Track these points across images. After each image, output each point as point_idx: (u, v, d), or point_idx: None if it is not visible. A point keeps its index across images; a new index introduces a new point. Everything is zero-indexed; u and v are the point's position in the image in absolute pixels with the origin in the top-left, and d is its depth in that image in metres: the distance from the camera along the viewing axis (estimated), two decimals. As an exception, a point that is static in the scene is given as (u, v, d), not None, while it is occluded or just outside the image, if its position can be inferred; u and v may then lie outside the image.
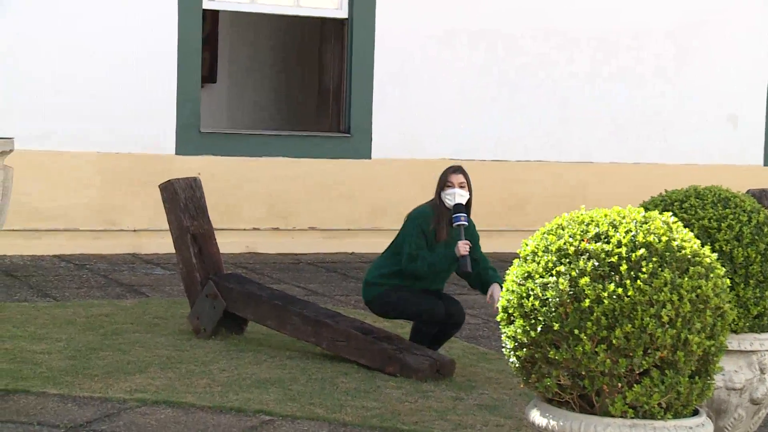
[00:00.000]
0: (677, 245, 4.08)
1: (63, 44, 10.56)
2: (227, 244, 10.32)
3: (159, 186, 7.54)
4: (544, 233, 4.27)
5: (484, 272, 6.73)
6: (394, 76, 11.58)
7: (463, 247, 6.53)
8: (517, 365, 4.23)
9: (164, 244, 10.24)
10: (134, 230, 10.85)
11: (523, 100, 12.02)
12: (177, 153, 10.95)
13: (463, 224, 6.56)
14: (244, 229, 11.20)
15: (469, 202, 6.71)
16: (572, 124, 12.22)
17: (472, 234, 6.73)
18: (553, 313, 4.03)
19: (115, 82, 10.70)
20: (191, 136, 10.99)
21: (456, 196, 6.62)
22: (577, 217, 4.26)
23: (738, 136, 12.79)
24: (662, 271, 4.00)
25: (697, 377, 4.06)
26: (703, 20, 12.56)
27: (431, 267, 6.57)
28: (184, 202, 7.40)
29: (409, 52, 11.64)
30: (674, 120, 12.58)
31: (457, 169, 6.73)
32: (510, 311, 4.21)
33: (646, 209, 5.46)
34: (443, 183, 6.70)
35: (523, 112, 12.03)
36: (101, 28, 10.66)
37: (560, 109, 12.17)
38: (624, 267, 4.00)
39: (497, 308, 6.37)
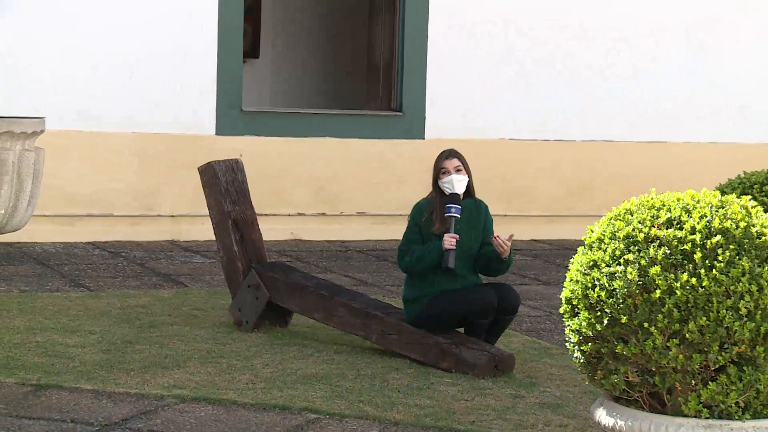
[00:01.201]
0: (756, 231, 4.04)
1: (96, 19, 10.64)
2: (270, 230, 10.36)
3: (198, 168, 7.58)
4: (611, 219, 4.25)
5: (483, 256, 6.66)
6: (449, 50, 11.55)
7: (447, 240, 6.49)
8: (581, 361, 4.21)
9: (204, 231, 10.30)
10: (172, 216, 10.93)
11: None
12: (217, 133, 11.00)
13: (454, 216, 6.53)
14: (289, 215, 11.24)
15: (470, 184, 6.68)
16: (647, 98, 12.13)
17: (485, 219, 6.69)
18: (621, 305, 4.01)
19: (153, 57, 10.76)
20: (232, 115, 11.04)
21: (454, 183, 6.59)
22: (648, 201, 4.23)
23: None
24: (740, 259, 3.97)
25: (778, 374, 4.02)
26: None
27: (419, 261, 6.54)
28: (224, 186, 7.44)
29: (462, 22, 11.59)
30: (754, 94, 12.43)
31: (450, 153, 6.69)
32: (574, 303, 4.19)
33: (723, 192, 5.40)
34: (438, 170, 6.66)
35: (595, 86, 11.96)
36: (134, 2, 10.73)
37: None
38: (698, 255, 3.97)
39: (504, 241, 6.32)
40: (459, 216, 6.56)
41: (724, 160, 12.04)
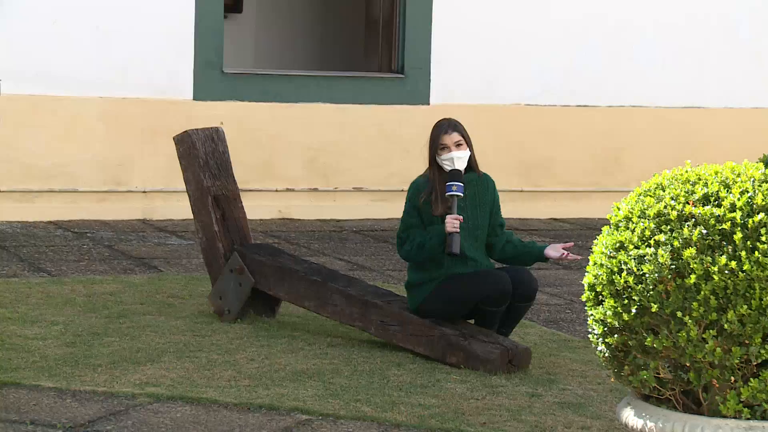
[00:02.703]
0: (804, 209, 4.05)
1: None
2: (256, 207, 10.37)
3: (174, 138, 7.59)
4: (640, 194, 4.25)
5: (510, 246, 6.69)
6: (458, 2, 11.53)
7: (450, 223, 6.50)
8: (606, 355, 4.23)
9: (180, 208, 10.31)
10: (144, 191, 10.94)
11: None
12: (195, 98, 11.00)
13: (457, 195, 6.54)
14: (277, 190, 11.25)
15: (471, 157, 6.70)
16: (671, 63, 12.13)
17: (492, 194, 6.73)
18: (651, 292, 4.02)
19: (121, 10, 10.75)
20: (212, 78, 11.04)
21: (455, 160, 6.61)
22: (681, 174, 4.24)
23: None
24: (786, 240, 3.97)
25: (828, 370, 4.04)
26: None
27: (420, 249, 6.56)
28: (203, 158, 7.45)
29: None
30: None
31: (450, 126, 6.70)
32: (598, 289, 4.20)
33: (767, 165, 5.40)
34: (436, 146, 6.68)
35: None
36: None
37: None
38: (738, 236, 3.97)
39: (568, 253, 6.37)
40: (462, 194, 6.57)
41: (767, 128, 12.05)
